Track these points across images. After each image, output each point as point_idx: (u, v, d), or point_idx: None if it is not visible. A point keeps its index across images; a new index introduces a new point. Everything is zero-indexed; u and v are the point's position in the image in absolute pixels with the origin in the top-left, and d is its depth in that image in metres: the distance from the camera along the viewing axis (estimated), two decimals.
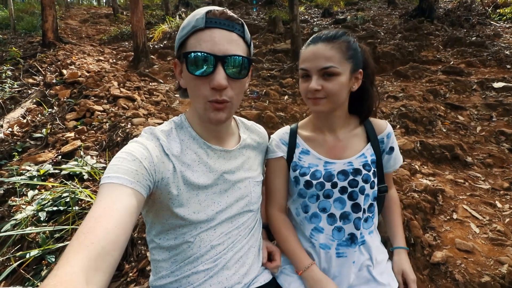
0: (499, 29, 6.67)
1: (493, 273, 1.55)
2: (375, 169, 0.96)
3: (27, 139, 3.19)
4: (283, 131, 1.06)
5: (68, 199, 1.84)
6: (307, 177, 0.94)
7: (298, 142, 1.02)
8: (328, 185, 0.93)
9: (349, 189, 0.92)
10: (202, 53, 0.67)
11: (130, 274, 1.51)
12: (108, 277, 0.49)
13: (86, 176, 2.14)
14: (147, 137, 0.74)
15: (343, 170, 0.93)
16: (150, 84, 5.15)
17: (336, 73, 0.86)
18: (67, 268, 0.44)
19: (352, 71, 0.90)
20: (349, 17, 8.97)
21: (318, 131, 1.02)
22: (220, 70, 0.68)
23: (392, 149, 1.00)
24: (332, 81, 0.86)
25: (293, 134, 1.04)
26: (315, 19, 9.57)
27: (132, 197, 0.59)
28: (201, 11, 0.70)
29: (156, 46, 7.54)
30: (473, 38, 6.24)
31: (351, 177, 0.92)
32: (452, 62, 5.42)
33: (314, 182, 0.93)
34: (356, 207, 0.93)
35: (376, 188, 0.96)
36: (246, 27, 0.75)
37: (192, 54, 0.67)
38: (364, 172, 0.92)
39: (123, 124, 3.06)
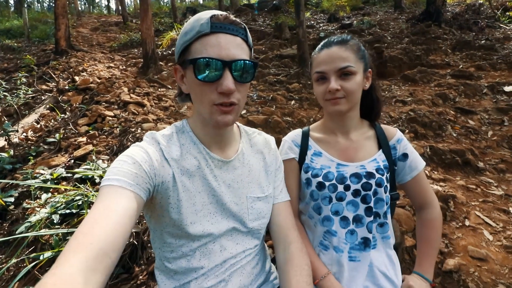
0: (509, 32, 6.57)
1: (508, 282, 1.51)
2: (387, 175, 0.96)
3: (41, 144, 3.27)
4: (295, 133, 1.07)
5: (80, 202, 1.88)
6: (320, 179, 0.95)
7: (310, 144, 1.03)
8: (340, 187, 0.93)
9: (363, 192, 0.92)
10: (210, 59, 0.67)
11: (140, 277, 1.53)
12: (105, 279, 0.49)
13: (98, 180, 2.18)
14: (148, 141, 0.75)
15: (356, 173, 0.94)
16: (159, 90, 5.25)
17: (353, 72, 0.90)
18: (66, 267, 0.45)
19: (364, 70, 0.94)
20: (355, 22, 8.98)
21: (330, 133, 1.03)
22: (228, 75, 0.68)
23: (405, 155, 0.99)
24: (350, 80, 0.90)
25: (305, 136, 1.05)
26: (321, 25, 9.61)
27: (132, 199, 0.59)
28: (204, 15, 0.70)
29: (164, 53, 7.69)
30: (482, 42, 6.16)
31: (364, 180, 0.92)
32: (461, 66, 5.36)
33: (327, 183, 0.94)
34: (369, 211, 0.92)
35: (388, 194, 0.96)
36: (248, 30, 0.76)
37: (200, 60, 0.67)
38: (377, 175, 0.93)
39: (133, 129, 3.12)
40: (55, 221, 1.77)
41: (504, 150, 3.04)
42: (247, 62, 0.71)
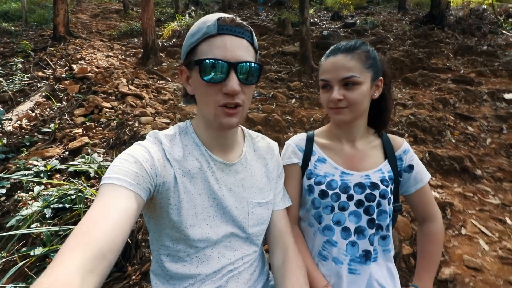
0: (511, 39, 6.56)
1: None
2: (392, 186, 0.93)
3: (35, 133, 3.20)
4: (300, 138, 1.04)
5: (74, 197, 1.84)
6: (323, 187, 0.92)
7: (315, 150, 1.01)
8: (343, 197, 0.91)
9: (366, 203, 0.90)
10: (216, 60, 0.67)
11: (133, 277, 1.50)
12: (102, 280, 0.48)
13: (92, 174, 2.13)
14: (151, 140, 0.74)
15: (360, 182, 0.91)
16: (158, 82, 5.17)
17: (357, 82, 0.87)
18: (63, 267, 0.44)
19: (372, 80, 0.90)
20: (358, 21, 8.91)
21: (336, 139, 1.00)
22: (233, 76, 0.68)
23: (411, 167, 0.97)
24: (354, 91, 0.87)
25: (310, 141, 1.02)
26: (324, 22, 9.52)
27: (132, 199, 0.58)
28: (211, 18, 0.70)
29: (165, 44, 7.56)
30: (484, 47, 6.14)
31: (368, 191, 0.90)
32: (462, 71, 5.35)
33: (330, 192, 0.91)
34: (371, 223, 0.90)
35: (391, 206, 0.94)
36: (254, 33, 0.76)
37: (206, 61, 0.67)
38: (382, 187, 0.90)
39: (130, 122, 3.06)
40: (47, 216, 1.73)
41: (502, 159, 3.05)
42: (253, 64, 0.71)
